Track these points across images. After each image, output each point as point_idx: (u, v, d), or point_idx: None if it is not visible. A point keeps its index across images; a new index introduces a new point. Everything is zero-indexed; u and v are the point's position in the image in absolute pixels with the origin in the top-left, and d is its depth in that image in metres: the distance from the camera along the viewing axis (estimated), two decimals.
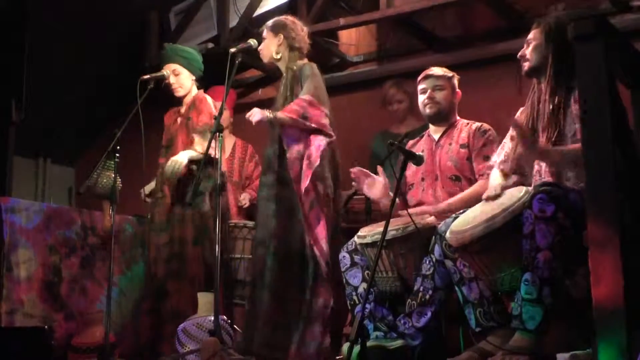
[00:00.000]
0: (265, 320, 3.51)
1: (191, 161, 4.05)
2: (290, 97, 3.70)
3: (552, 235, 2.53)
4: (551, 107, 2.82)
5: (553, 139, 2.79)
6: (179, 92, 4.30)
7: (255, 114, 3.52)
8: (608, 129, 2.11)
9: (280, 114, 3.55)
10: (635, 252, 2.09)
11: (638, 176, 2.29)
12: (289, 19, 3.87)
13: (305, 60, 3.81)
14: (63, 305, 4.32)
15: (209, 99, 4.30)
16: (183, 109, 4.32)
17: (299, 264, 3.54)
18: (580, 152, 2.59)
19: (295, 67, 3.77)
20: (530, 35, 2.99)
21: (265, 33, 3.83)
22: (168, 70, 4.27)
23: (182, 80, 4.30)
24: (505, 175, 3.01)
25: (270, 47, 3.80)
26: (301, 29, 3.85)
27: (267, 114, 3.53)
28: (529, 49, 2.96)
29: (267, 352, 3.47)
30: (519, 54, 3.01)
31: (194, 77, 4.34)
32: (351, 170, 3.48)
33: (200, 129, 4.11)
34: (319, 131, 3.60)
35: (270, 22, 3.85)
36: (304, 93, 3.62)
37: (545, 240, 2.54)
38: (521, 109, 3.04)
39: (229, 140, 4.91)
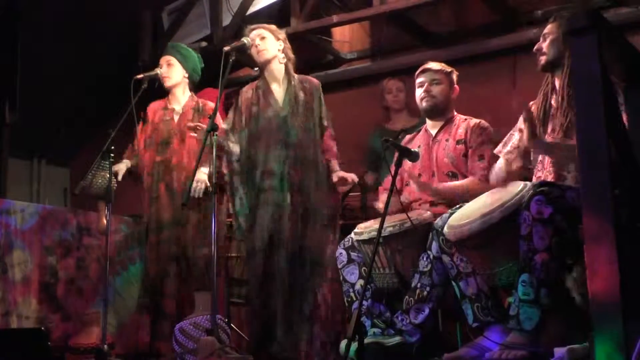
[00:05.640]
0: (280, 321, 3.54)
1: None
2: (295, 106, 3.74)
3: (550, 237, 2.54)
4: (564, 100, 2.81)
5: (563, 131, 2.78)
6: (167, 82, 4.29)
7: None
8: (602, 122, 2.10)
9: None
10: (631, 246, 2.10)
11: (633, 169, 2.29)
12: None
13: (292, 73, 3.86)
14: (59, 306, 4.32)
15: (210, 104, 4.31)
16: (178, 108, 4.30)
17: (311, 267, 3.61)
18: None
19: (298, 78, 3.83)
20: (547, 29, 2.96)
21: (262, 33, 3.79)
22: (163, 61, 4.30)
23: (172, 71, 4.30)
24: (510, 165, 3.01)
25: (273, 46, 3.79)
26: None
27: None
28: (546, 43, 2.93)
29: (281, 352, 3.50)
30: (535, 47, 2.97)
31: (186, 75, 4.34)
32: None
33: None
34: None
35: (267, 27, 3.83)
36: (326, 120, 3.82)
37: (542, 242, 2.54)
38: (532, 102, 3.03)
39: None
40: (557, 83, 2.91)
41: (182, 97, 4.34)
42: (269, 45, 3.78)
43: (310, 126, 3.76)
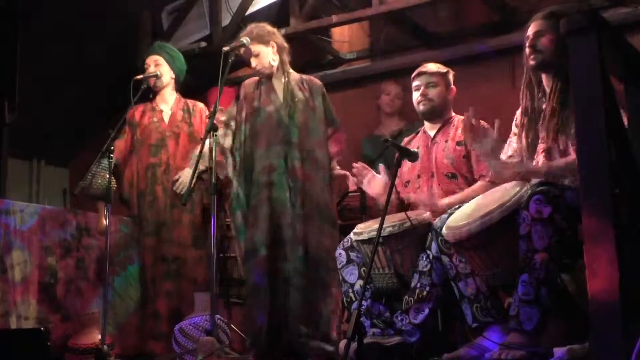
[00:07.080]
0: (294, 318, 3.55)
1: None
2: (292, 104, 3.73)
3: (549, 237, 2.53)
4: (557, 101, 2.79)
5: (555, 132, 2.77)
6: (156, 83, 4.30)
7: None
8: (601, 122, 2.11)
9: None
10: (631, 245, 2.10)
11: (632, 169, 2.30)
12: (264, 24, 3.85)
13: (291, 72, 3.84)
14: (59, 307, 4.31)
15: (200, 105, 4.35)
16: (167, 109, 4.31)
17: (316, 268, 3.62)
18: (568, 164, 2.63)
19: (298, 77, 3.82)
20: (542, 26, 2.87)
21: (254, 50, 3.74)
22: (150, 61, 4.32)
23: (160, 71, 4.31)
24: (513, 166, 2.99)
25: (268, 59, 3.77)
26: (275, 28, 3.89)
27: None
28: (543, 41, 2.85)
29: (293, 350, 3.51)
30: (528, 43, 2.88)
31: (173, 76, 4.34)
32: (353, 165, 3.48)
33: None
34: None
35: (254, 35, 3.75)
36: (332, 121, 3.87)
37: (542, 241, 2.53)
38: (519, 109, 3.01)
39: None
40: (544, 83, 2.88)
41: (169, 97, 4.36)
42: (264, 59, 3.76)
43: (313, 126, 3.76)
